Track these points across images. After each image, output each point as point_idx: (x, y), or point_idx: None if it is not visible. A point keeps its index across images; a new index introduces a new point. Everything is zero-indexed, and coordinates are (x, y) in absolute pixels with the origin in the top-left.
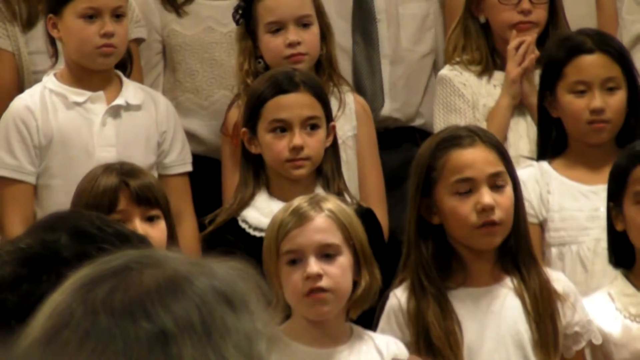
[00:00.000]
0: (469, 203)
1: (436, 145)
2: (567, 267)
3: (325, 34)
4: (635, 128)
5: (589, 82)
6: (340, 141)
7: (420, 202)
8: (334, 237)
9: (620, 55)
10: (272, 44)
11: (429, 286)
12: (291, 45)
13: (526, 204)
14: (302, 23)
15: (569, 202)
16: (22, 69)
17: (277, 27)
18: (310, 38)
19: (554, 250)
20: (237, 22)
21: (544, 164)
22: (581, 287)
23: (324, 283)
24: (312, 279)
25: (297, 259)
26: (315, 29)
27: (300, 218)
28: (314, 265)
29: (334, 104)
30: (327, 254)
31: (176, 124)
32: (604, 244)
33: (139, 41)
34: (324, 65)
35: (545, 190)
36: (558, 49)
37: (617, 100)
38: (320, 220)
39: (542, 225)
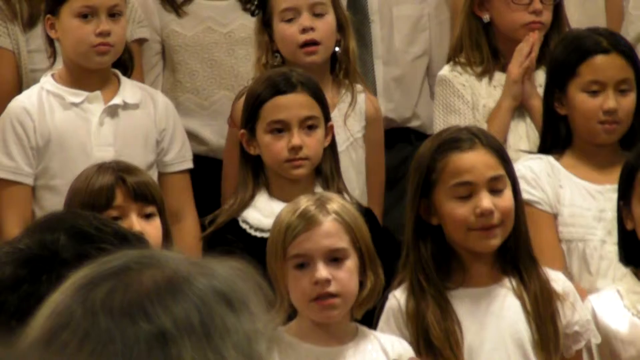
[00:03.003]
0: (468, 207)
1: (436, 147)
2: (573, 264)
3: (343, 25)
4: (639, 129)
5: (603, 82)
6: (349, 141)
7: (419, 203)
8: (342, 241)
9: (633, 57)
10: (287, 32)
11: (428, 287)
12: (305, 30)
13: (541, 196)
14: (316, 12)
15: (579, 199)
16: (21, 67)
17: (292, 16)
18: (324, 27)
19: (562, 246)
20: (252, 14)
21: (551, 159)
22: (584, 285)
23: (332, 288)
24: (321, 284)
25: (304, 263)
26: (329, 19)
27: (308, 222)
28: (322, 271)
29: (346, 100)
30: (335, 258)
31: (175, 121)
32: (608, 247)
33: (141, 41)
34: (341, 58)
35: (557, 184)
36: (571, 47)
37: (629, 102)
38: (328, 224)
39: (556, 218)
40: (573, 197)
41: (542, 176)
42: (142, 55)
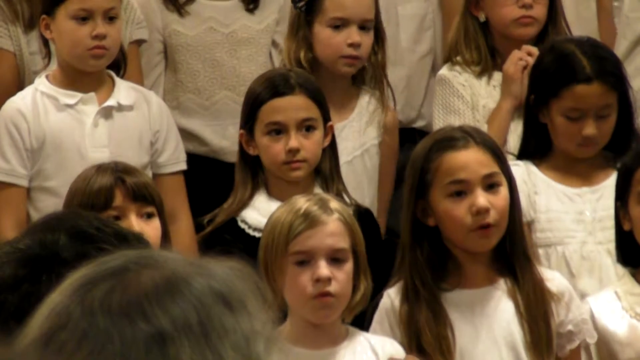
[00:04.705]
0: (464, 205)
1: (430, 148)
2: (553, 267)
3: (382, 39)
4: (625, 136)
5: (584, 110)
6: (364, 147)
7: (415, 204)
8: (344, 242)
9: (616, 80)
10: (333, 40)
11: (422, 290)
12: (352, 45)
13: None
14: (363, 26)
15: (555, 204)
16: (23, 69)
17: (341, 24)
18: (367, 42)
19: (540, 251)
20: (299, 9)
21: (530, 165)
22: None
23: (332, 288)
24: (322, 283)
25: (305, 261)
26: (372, 34)
27: (312, 221)
28: (324, 269)
29: (367, 106)
30: (336, 258)
31: (169, 122)
32: (589, 247)
33: (140, 42)
34: (376, 70)
35: (532, 191)
36: (557, 66)
37: (609, 125)
38: (332, 224)
39: (529, 225)
40: (549, 203)
41: (517, 183)
42: (141, 56)
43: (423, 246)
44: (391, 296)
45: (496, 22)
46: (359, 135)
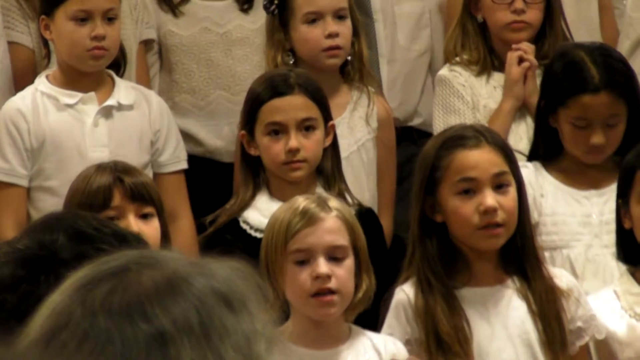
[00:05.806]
0: (472, 204)
1: (441, 145)
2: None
3: (357, 29)
4: (635, 141)
5: (591, 119)
6: (361, 142)
7: (424, 200)
8: (343, 239)
9: (625, 89)
10: (310, 35)
11: (435, 283)
12: (330, 36)
13: None
14: (339, 15)
15: (562, 207)
16: (41, 66)
17: (315, 18)
18: (346, 31)
19: (545, 254)
20: (271, 13)
21: (538, 166)
22: None
23: (332, 284)
24: (322, 279)
25: (305, 259)
26: (349, 23)
27: (310, 219)
28: (323, 266)
29: (359, 101)
30: (335, 256)
31: (170, 121)
32: (595, 250)
33: (147, 42)
34: (355, 61)
35: (538, 193)
36: (565, 74)
37: (618, 133)
38: (330, 221)
39: (534, 228)
40: (555, 205)
41: None
42: (147, 56)
43: (432, 240)
44: (405, 290)
45: (491, 25)
46: (353, 131)
